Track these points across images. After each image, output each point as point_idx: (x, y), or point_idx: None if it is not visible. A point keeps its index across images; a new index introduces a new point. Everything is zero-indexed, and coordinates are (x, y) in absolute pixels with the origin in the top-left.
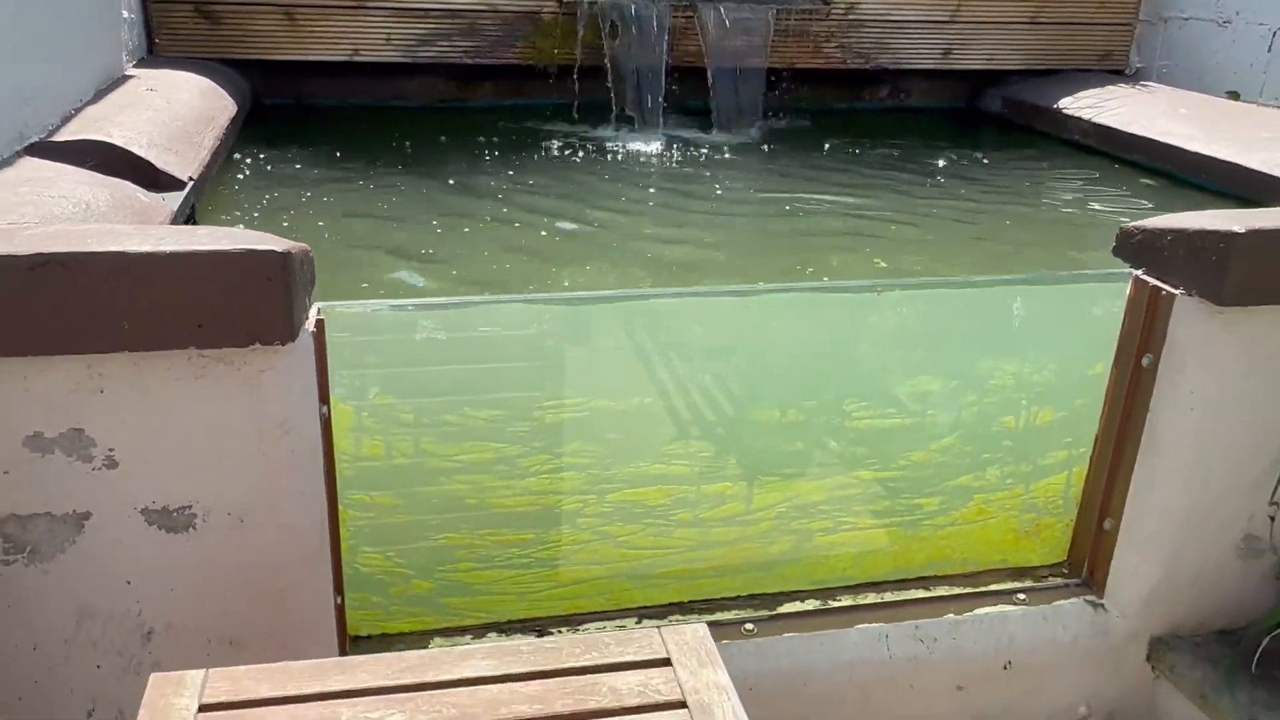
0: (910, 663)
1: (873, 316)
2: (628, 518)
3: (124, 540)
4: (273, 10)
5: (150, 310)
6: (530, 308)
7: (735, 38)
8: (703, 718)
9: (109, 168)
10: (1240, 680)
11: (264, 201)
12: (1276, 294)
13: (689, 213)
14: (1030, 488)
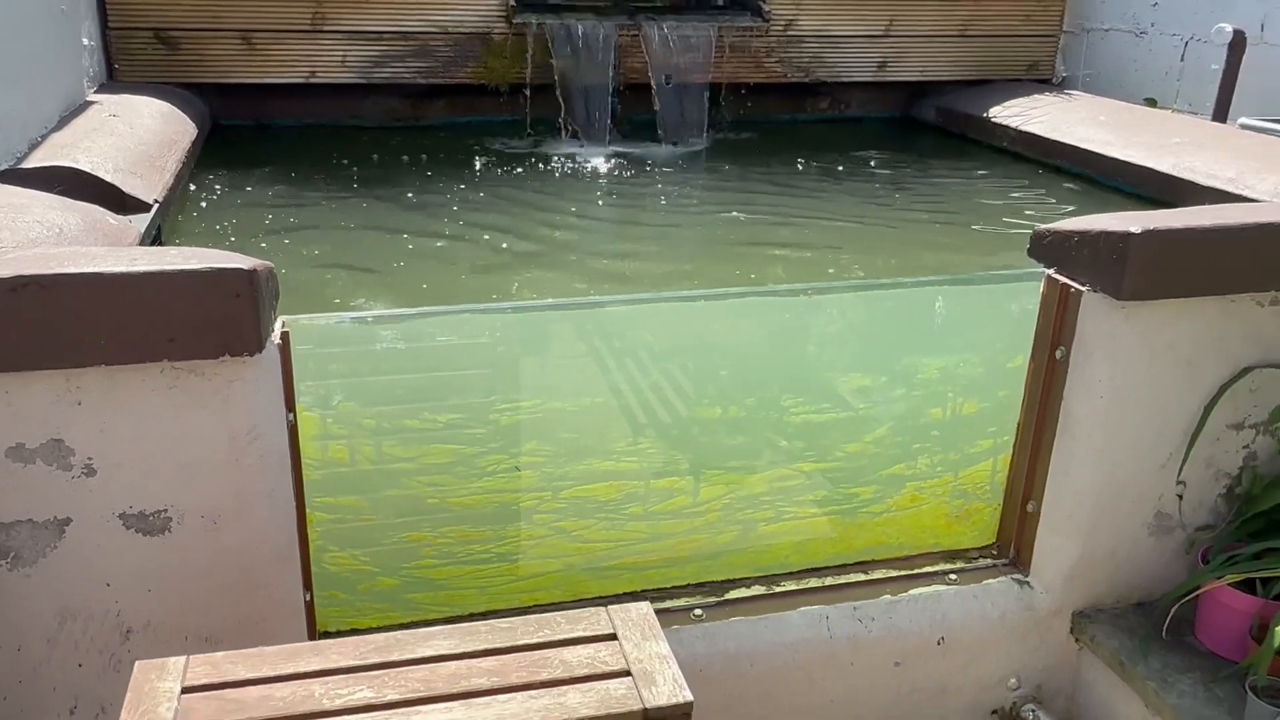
0: (850, 642)
1: (807, 318)
2: (581, 513)
3: (103, 544)
4: (230, 35)
5: (125, 326)
6: (485, 317)
7: (679, 55)
8: (645, 683)
9: (78, 192)
10: (1154, 647)
11: (228, 222)
12: (1172, 288)
13: (636, 223)
14: (959, 475)
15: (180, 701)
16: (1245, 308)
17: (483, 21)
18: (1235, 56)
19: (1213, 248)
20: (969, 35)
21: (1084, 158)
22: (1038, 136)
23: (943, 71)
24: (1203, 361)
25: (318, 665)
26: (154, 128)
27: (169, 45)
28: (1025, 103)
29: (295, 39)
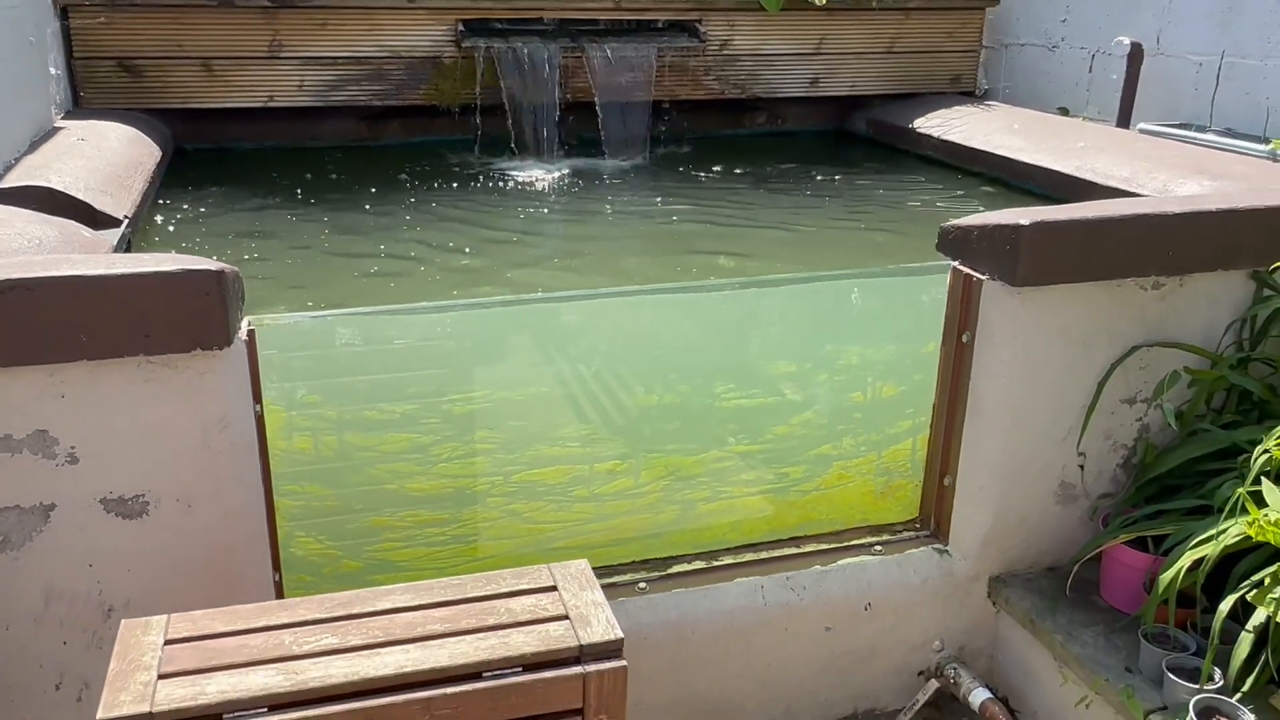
0: (784, 609)
1: (736, 310)
2: (531, 496)
3: (85, 527)
4: (191, 63)
5: (105, 324)
6: (438, 315)
7: (621, 74)
8: (581, 625)
9: (52, 209)
10: (1061, 606)
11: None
12: (1061, 275)
13: (583, 230)
14: (882, 454)
15: (164, 651)
16: (1130, 291)
17: (434, 46)
18: (1134, 67)
19: (1097, 237)
20: (896, 52)
21: (999, 163)
22: (958, 145)
23: (872, 86)
24: (1094, 341)
25: (287, 619)
26: (120, 150)
27: (132, 73)
28: (948, 114)
29: (254, 65)
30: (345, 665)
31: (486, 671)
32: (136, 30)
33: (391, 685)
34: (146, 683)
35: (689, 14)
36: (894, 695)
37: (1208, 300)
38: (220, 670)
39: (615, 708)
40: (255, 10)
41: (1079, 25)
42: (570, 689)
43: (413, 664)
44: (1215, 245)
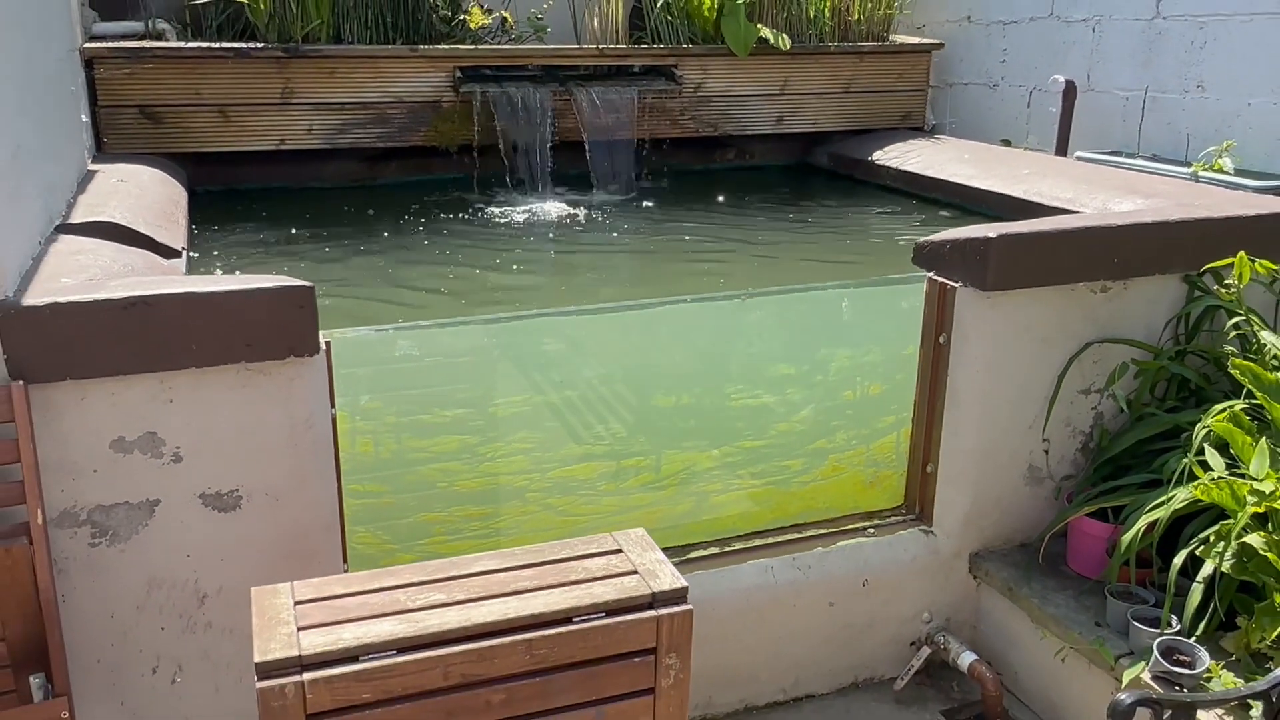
0: (791, 586)
1: (740, 318)
2: (565, 491)
3: (186, 521)
4: (209, 109)
5: (213, 334)
6: (485, 327)
7: (605, 115)
8: (650, 577)
9: (125, 241)
10: (1035, 575)
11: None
12: (1024, 280)
13: (581, 254)
14: (870, 446)
15: (297, 610)
16: (1082, 294)
17: (434, 91)
18: (1069, 102)
19: (1054, 247)
20: (852, 91)
21: (953, 189)
22: (915, 174)
23: (832, 122)
24: (1054, 339)
25: (395, 582)
26: (158, 190)
27: (153, 120)
28: (903, 146)
29: (267, 111)
30: (457, 614)
31: (575, 617)
32: (158, 80)
33: (498, 629)
34: (289, 634)
35: (666, 59)
36: (890, 664)
37: (1148, 301)
38: (350, 622)
39: (683, 646)
40: (269, 60)
41: (1017, 66)
42: (646, 630)
43: (514, 611)
44: (1152, 253)
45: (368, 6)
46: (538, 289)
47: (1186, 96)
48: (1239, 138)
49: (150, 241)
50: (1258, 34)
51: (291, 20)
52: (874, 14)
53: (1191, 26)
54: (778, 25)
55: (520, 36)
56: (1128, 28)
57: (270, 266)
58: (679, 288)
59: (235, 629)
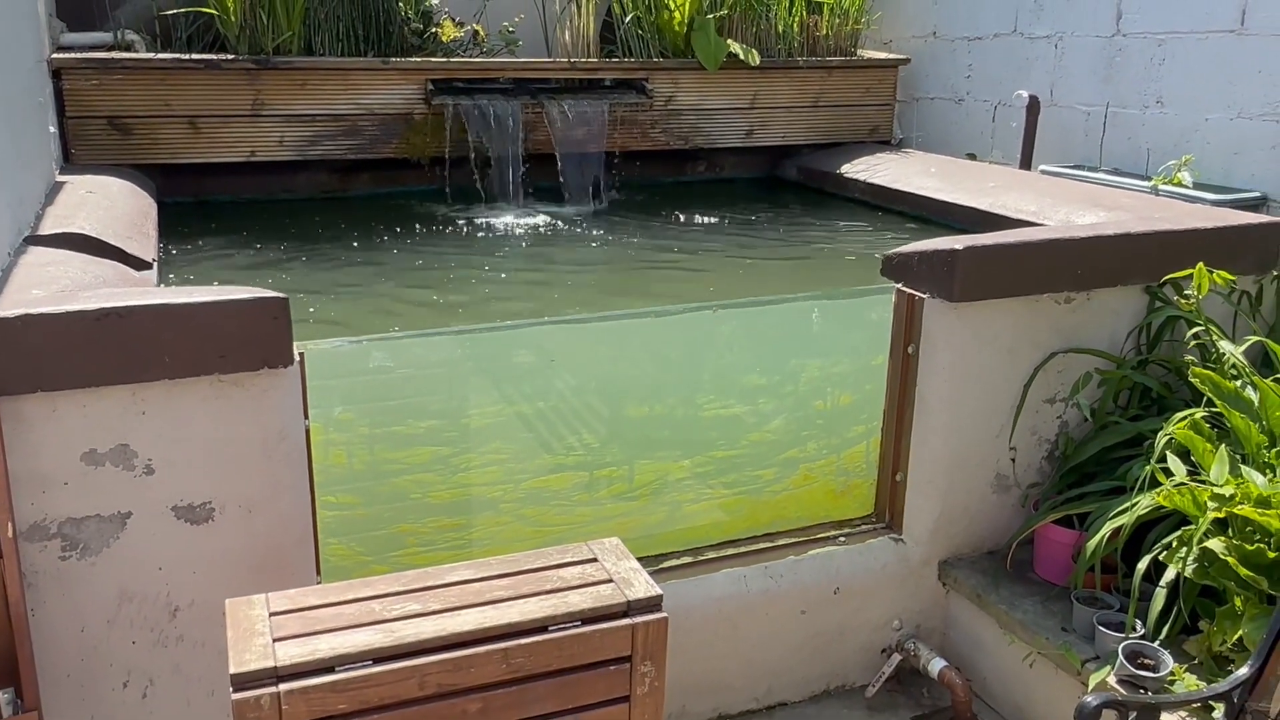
0: (764, 595)
1: (710, 329)
2: (538, 501)
3: (157, 533)
4: (178, 120)
5: (186, 346)
6: (456, 338)
7: (577, 128)
8: (625, 586)
9: (94, 252)
10: (1003, 582)
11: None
12: (990, 291)
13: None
14: (841, 455)
15: (272, 621)
16: (1047, 305)
17: (405, 104)
18: (1032, 116)
19: (1019, 259)
20: (820, 105)
21: (920, 202)
22: (883, 187)
23: (801, 136)
24: (1019, 349)
25: (371, 592)
26: (127, 202)
27: (122, 131)
28: (870, 160)
29: (238, 122)
30: (432, 624)
31: (551, 625)
32: (126, 91)
33: (474, 639)
34: (264, 645)
35: (636, 73)
36: (861, 671)
37: (1110, 312)
38: (326, 633)
39: (658, 654)
40: (239, 71)
41: (981, 81)
42: (621, 638)
43: (490, 620)
44: (1114, 265)
45: (339, 19)
46: (509, 300)
47: (1146, 112)
48: (1197, 152)
49: (120, 253)
50: (1213, 51)
51: (262, 32)
52: (841, 30)
53: (1150, 44)
54: (747, 40)
55: (492, 50)
56: (1089, 44)
57: (241, 278)
58: (650, 299)
59: (207, 642)
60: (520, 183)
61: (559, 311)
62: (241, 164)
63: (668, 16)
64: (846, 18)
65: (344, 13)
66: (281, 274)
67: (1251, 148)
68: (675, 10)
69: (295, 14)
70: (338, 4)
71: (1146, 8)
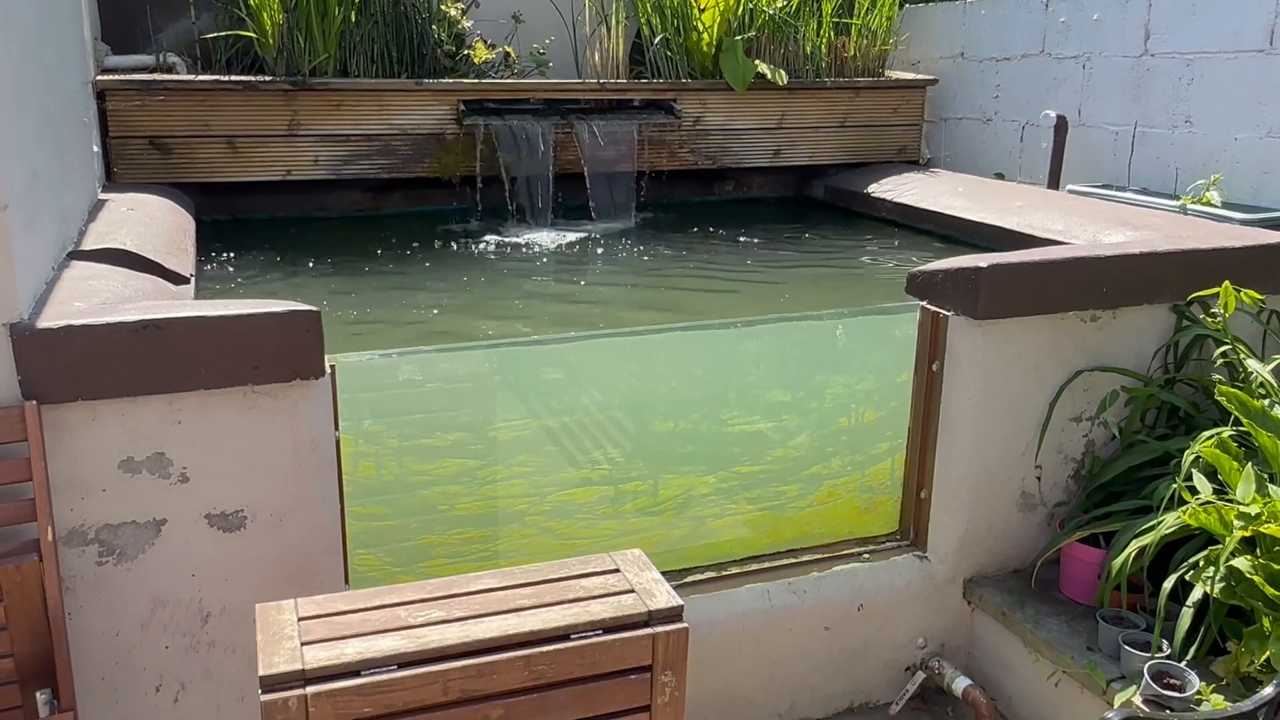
0: (787, 611)
1: (735, 346)
2: (563, 514)
3: (191, 540)
4: (216, 140)
5: (222, 357)
6: (485, 351)
7: (606, 148)
8: (647, 596)
9: (134, 267)
10: (1028, 601)
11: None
12: (1015, 309)
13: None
14: (865, 473)
15: (300, 625)
16: (1072, 323)
17: (438, 124)
18: (1060, 137)
19: (1044, 277)
20: (848, 125)
21: (948, 221)
22: (910, 206)
23: (828, 156)
24: (1045, 367)
25: (397, 599)
26: (166, 219)
27: (162, 151)
28: (898, 180)
29: (274, 142)
30: (457, 631)
31: (573, 634)
32: (167, 112)
33: (497, 645)
34: (293, 649)
35: (665, 94)
36: (885, 689)
37: (1137, 330)
38: (353, 637)
39: (678, 664)
40: (276, 93)
41: (1009, 101)
42: (642, 647)
43: (512, 628)
44: (1141, 284)
45: (374, 41)
46: (538, 317)
47: (1175, 131)
48: (1226, 171)
49: (159, 268)
50: (1242, 71)
51: (299, 54)
52: (869, 51)
53: (1179, 64)
54: (775, 61)
55: (523, 71)
56: (1117, 65)
57: (276, 293)
58: (678, 316)
59: (238, 648)
60: (550, 202)
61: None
62: (277, 183)
63: (696, 38)
64: (874, 39)
65: (379, 35)
66: (315, 289)
67: None
68: (704, 32)
69: (331, 36)
70: (373, 27)
71: (1175, 28)
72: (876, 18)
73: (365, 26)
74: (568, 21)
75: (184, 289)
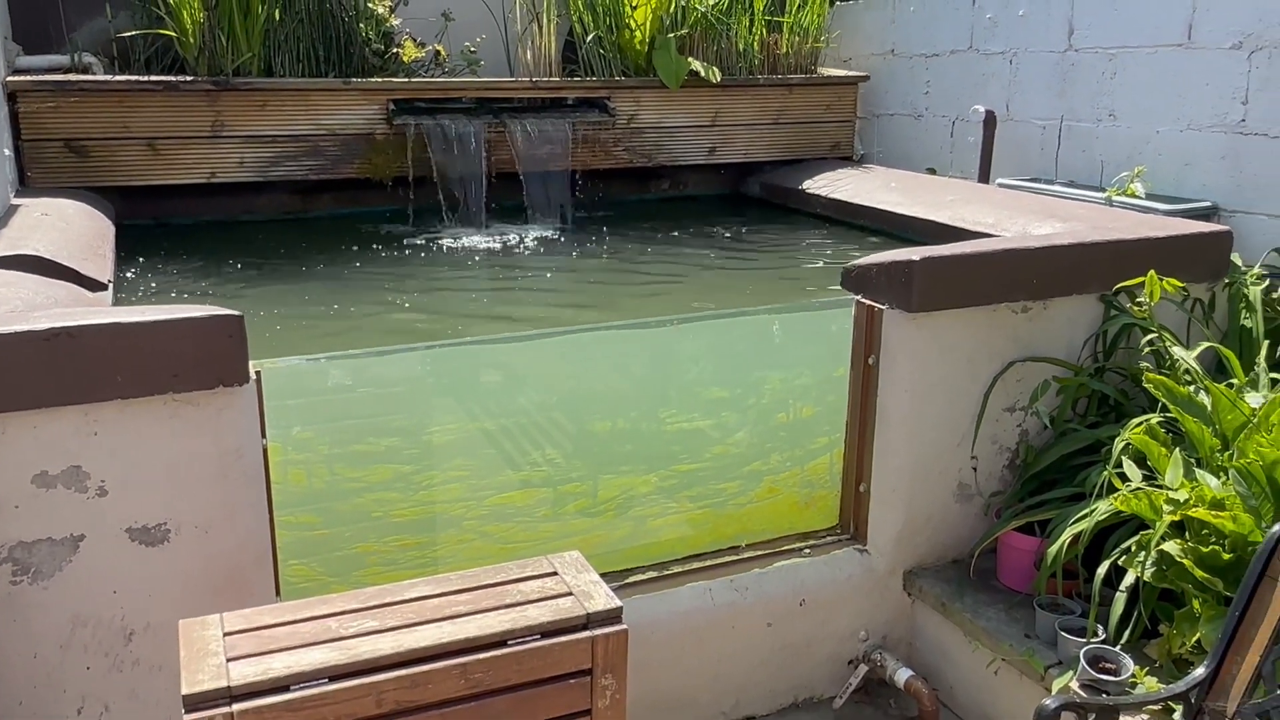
0: (730, 608)
1: (673, 343)
2: (502, 518)
3: (111, 556)
4: (136, 143)
5: (139, 365)
6: (421, 354)
7: (540, 147)
8: (584, 599)
9: (48, 274)
10: (967, 590)
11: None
12: (948, 301)
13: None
14: (805, 467)
15: (226, 640)
16: (1004, 315)
17: (367, 124)
18: (989, 131)
19: (975, 269)
20: (782, 123)
21: (881, 216)
22: (844, 202)
23: (763, 153)
24: (979, 358)
25: (328, 610)
26: (83, 224)
27: (79, 153)
28: (832, 176)
29: (197, 144)
30: (390, 640)
31: (510, 639)
32: (83, 113)
33: (432, 654)
34: (218, 665)
35: (598, 92)
36: (828, 683)
37: (1067, 320)
38: (281, 651)
39: (618, 667)
40: (198, 93)
41: (939, 97)
42: (581, 651)
43: (448, 636)
44: (1069, 274)
45: (300, 40)
46: (473, 318)
47: (1099, 125)
48: (1149, 163)
49: (75, 274)
50: (1162, 65)
51: (222, 53)
52: (801, 48)
53: (1102, 58)
54: (708, 58)
55: (454, 70)
56: (1043, 60)
57: (201, 299)
58: (614, 315)
59: (164, 665)
60: (484, 202)
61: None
62: (201, 186)
63: (629, 36)
64: (806, 36)
65: (304, 34)
66: (241, 294)
67: (1201, 158)
68: (636, 29)
69: (255, 35)
70: (298, 25)
71: (1097, 23)
72: (808, 15)
73: (290, 25)
74: (499, 19)
75: (101, 296)
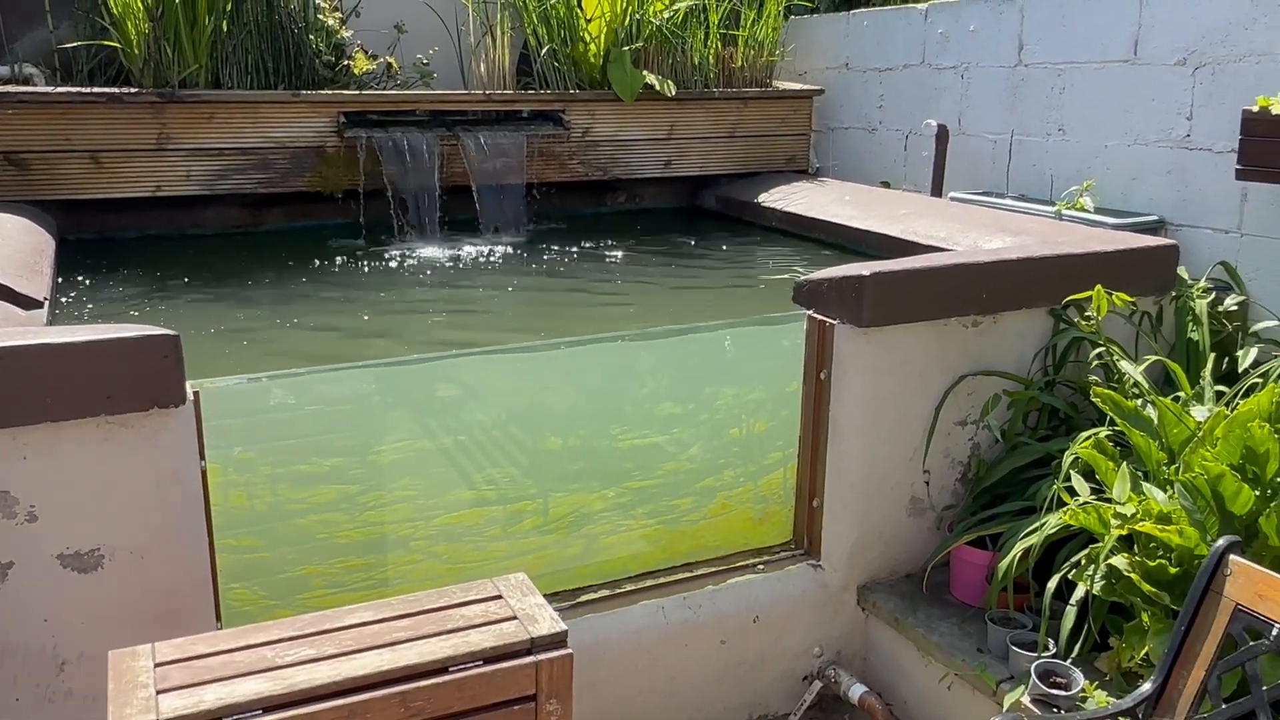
0: (683, 626)
1: (626, 359)
2: (451, 537)
3: (42, 583)
4: (79, 155)
5: (69, 387)
6: (364, 372)
7: (494, 160)
8: (529, 622)
9: None
10: (920, 605)
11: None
12: (899, 316)
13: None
14: (758, 483)
15: (156, 672)
16: (955, 329)
17: (317, 136)
18: (942, 145)
19: (925, 284)
20: (737, 136)
21: (835, 230)
22: (799, 215)
23: (719, 166)
24: (930, 372)
25: (264, 638)
26: (21, 239)
27: (19, 166)
28: (787, 189)
29: (142, 157)
30: (327, 669)
31: (452, 666)
32: (23, 125)
33: (370, 683)
34: (147, 698)
35: (553, 105)
36: (783, 699)
37: (1017, 334)
38: (213, 682)
39: (563, 692)
40: (143, 105)
41: (893, 111)
42: (525, 676)
43: (387, 664)
44: (1019, 289)
45: (248, 51)
46: (424, 334)
47: (1049, 139)
48: (1098, 177)
49: (8, 292)
50: (1109, 81)
51: (167, 65)
52: (756, 61)
53: (1051, 74)
54: (663, 72)
55: (406, 82)
56: (993, 75)
57: (143, 316)
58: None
59: (98, 697)
60: (437, 215)
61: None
62: (147, 199)
63: (583, 49)
64: (761, 49)
65: (253, 45)
66: (185, 311)
67: (1148, 173)
68: (591, 42)
69: (202, 46)
70: (246, 36)
71: (1046, 39)
72: (763, 28)
73: (238, 36)
74: (452, 32)
75: (35, 314)
